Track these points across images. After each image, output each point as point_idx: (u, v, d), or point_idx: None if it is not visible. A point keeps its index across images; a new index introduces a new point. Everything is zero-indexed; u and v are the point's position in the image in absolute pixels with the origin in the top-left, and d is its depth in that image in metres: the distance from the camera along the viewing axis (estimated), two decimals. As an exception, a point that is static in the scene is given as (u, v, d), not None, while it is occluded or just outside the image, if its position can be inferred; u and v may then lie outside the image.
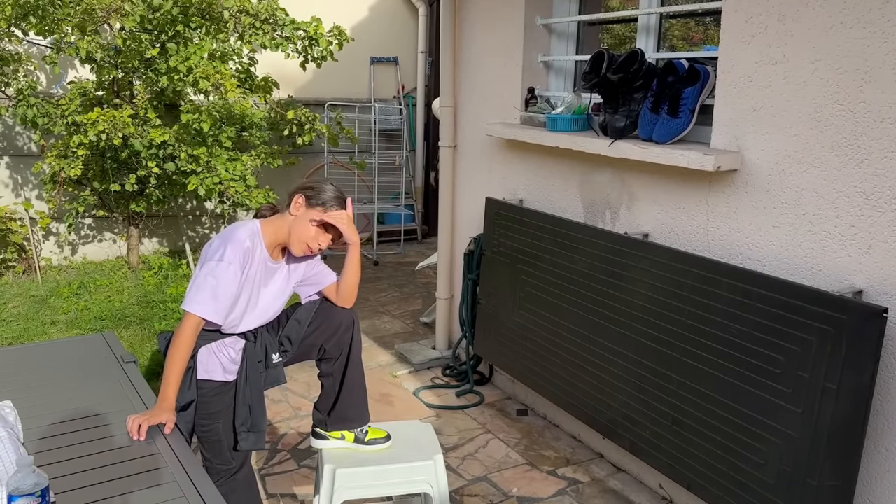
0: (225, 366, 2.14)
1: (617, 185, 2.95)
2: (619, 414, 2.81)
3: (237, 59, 5.09)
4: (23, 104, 4.70)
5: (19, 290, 4.98)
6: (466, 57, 3.83)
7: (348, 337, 2.30)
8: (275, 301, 2.22)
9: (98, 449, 1.65)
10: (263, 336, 2.23)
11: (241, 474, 2.24)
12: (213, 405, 2.14)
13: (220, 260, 2.00)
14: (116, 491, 1.48)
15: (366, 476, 2.24)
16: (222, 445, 2.17)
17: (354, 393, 2.33)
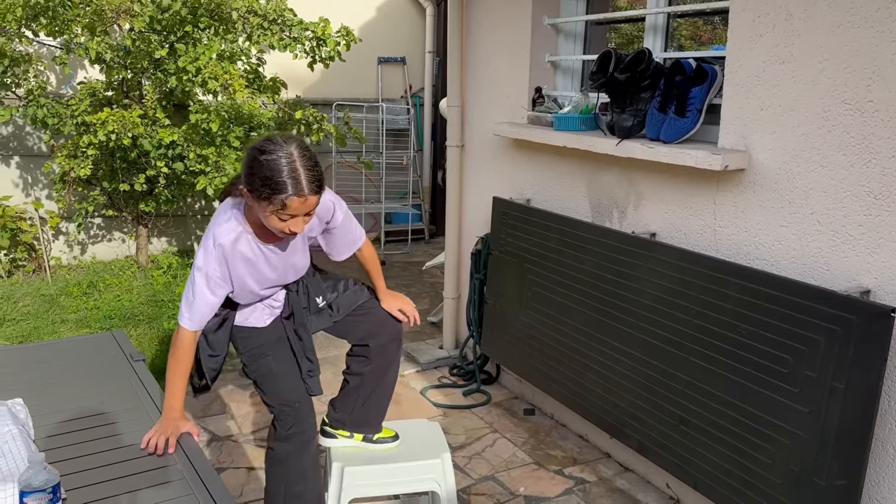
0: (270, 312, 2.14)
1: (624, 185, 2.95)
2: (627, 413, 2.81)
3: (245, 60, 5.10)
4: (33, 104, 4.73)
5: (29, 289, 5.01)
6: (474, 56, 3.83)
7: (393, 348, 2.29)
8: (293, 264, 2.10)
9: (108, 446, 1.67)
10: (305, 283, 2.19)
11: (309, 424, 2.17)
12: (256, 339, 2.13)
13: (197, 268, 1.91)
14: (126, 488, 1.49)
15: (374, 474, 2.25)
16: (277, 381, 2.13)
17: (383, 403, 2.35)
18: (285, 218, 1.79)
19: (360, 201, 6.67)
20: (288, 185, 1.75)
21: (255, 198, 1.79)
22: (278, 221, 1.80)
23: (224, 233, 1.90)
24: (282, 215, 1.79)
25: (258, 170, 1.76)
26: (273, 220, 1.80)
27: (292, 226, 1.81)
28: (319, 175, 1.81)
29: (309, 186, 1.77)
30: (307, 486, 2.16)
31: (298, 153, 1.78)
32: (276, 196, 1.75)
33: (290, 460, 2.14)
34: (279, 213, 1.78)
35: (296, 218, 1.80)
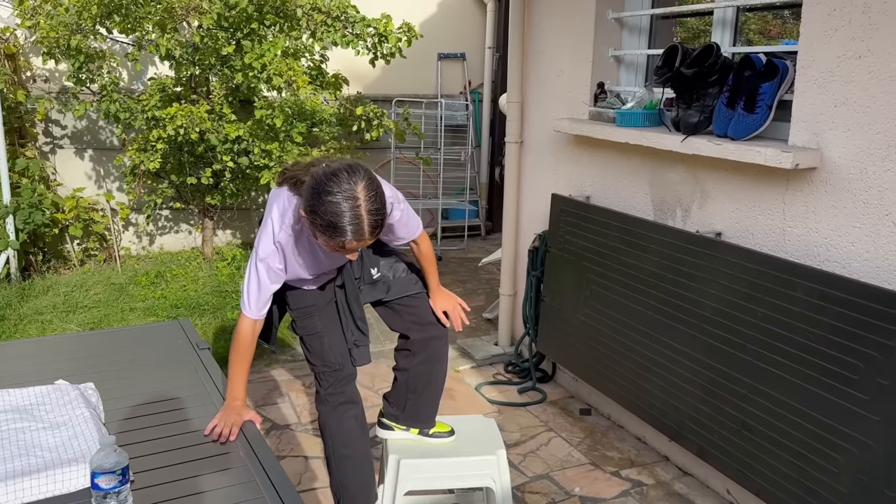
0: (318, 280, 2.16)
1: (689, 183, 2.88)
2: (687, 416, 2.75)
3: (309, 56, 5.18)
4: (106, 99, 4.91)
5: (100, 277, 5.20)
6: (535, 52, 3.81)
7: (436, 345, 2.31)
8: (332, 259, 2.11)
9: (173, 431, 1.72)
10: (362, 252, 2.20)
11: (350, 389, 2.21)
12: (308, 299, 2.17)
13: (260, 259, 1.92)
14: (190, 472, 1.54)
15: (430, 468, 2.26)
16: (323, 341, 2.17)
17: (433, 400, 2.36)
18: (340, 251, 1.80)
19: (417, 197, 6.70)
20: (348, 232, 1.71)
21: (314, 229, 1.77)
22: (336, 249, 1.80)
23: (284, 232, 1.92)
24: (338, 249, 1.79)
25: (320, 209, 1.71)
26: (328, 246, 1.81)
27: (346, 255, 1.83)
28: (382, 218, 1.77)
29: (370, 231, 1.75)
30: (352, 449, 2.20)
31: (364, 195, 1.71)
32: (336, 238, 1.73)
33: (330, 421, 2.20)
34: (336, 248, 1.78)
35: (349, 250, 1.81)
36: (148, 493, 1.45)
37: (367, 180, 1.73)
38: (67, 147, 5.71)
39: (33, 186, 5.15)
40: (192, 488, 1.48)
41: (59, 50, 4.67)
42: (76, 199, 5.47)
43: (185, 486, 1.48)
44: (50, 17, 4.58)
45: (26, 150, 5.36)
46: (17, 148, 5.29)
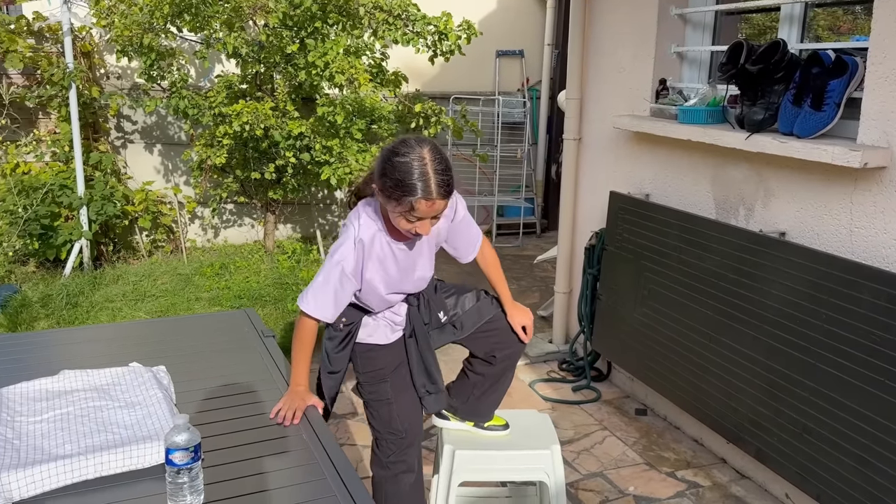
0: (392, 328, 2.11)
1: (752, 181, 2.83)
2: (746, 419, 2.71)
3: (370, 54, 5.26)
4: (175, 96, 5.08)
5: (167, 268, 5.39)
6: (595, 48, 3.79)
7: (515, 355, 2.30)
8: (420, 271, 2.09)
9: (239, 414, 1.79)
10: (426, 297, 2.16)
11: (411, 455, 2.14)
12: (378, 361, 2.11)
13: (336, 262, 1.92)
14: (255, 453, 1.60)
15: (484, 460, 2.29)
16: (391, 409, 2.11)
17: (497, 398, 2.36)
18: (412, 220, 1.81)
19: (473, 194, 6.73)
20: (417, 189, 1.76)
21: (386, 197, 1.82)
22: (406, 223, 1.83)
23: (365, 228, 1.93)
24: (409, 217, 1.81)
25: (390, 171, 1.80)
26: (401, 220, 1.83)
27: (419, 227, 1.83)
28: (449, 180, 1.81)
29: (438, 190, 1.78)
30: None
31: (430, 157, 1.79)
32: (406, 198, 1.77)
33: (387, 487, 2.15)
34: (407, 215, 1.80)
35: (423, 220, 1.82)
36: (216, 471, 1.52)
37: (432, 145, 1.83)
38: (138, 142, 5.93)
39: (106, 179, 5.37)
40: (258, 468, 1.54)
41: (132, 48, 4.86)
42: (145, 192, 5.68)
43: (251, 466, 1.55)
44: (124, 16, 4.77)
45: (99, 144, 5.60)
46: (90, 142, 5.53)
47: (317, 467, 1.55)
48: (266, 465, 1.56)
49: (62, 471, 1.46)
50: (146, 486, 1.47)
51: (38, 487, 1.43)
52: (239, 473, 1.52)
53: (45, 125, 5.47)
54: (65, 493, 1.43)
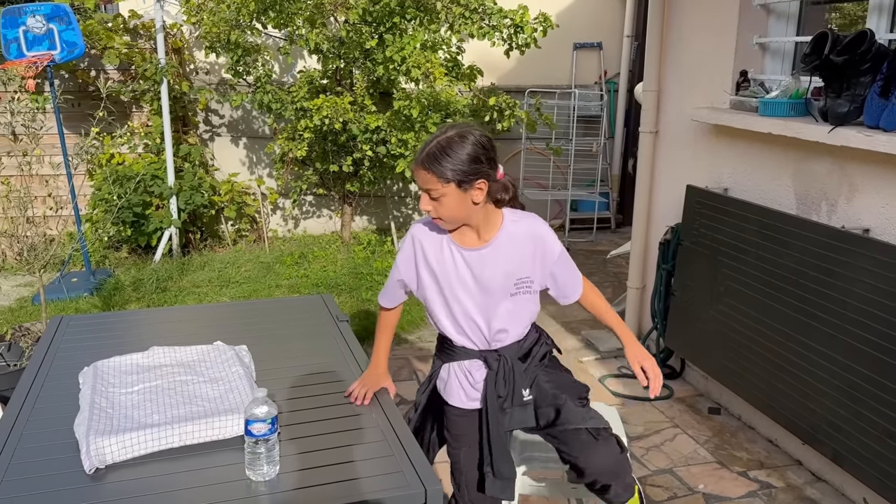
0: (466, 391, 1.96)
1: (835, 176, 2.74)
2: (823, 420, 2.63)
3: (446, 49, 5.32)
4: (260, 91, 5.27)
5: (250, 256, 5.61)
6: (674, 39, 3.72)
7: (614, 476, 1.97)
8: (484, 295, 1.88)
9: (315, 392, 1.88)
10: (510, 365, 1.93)
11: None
12: (455, 427, 1.99)
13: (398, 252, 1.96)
14: (328, 429, 1.68)
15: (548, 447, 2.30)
16: (462, 476, 1.99)
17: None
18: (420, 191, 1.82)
19: (546, 188, 6.71)
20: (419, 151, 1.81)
21: None
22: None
23: (421, 225, 1.92)
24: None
25: None
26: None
27: (420, 203, 1.82)
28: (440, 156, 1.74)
29: (420, 157, 1.78)
30: None
31: (443, 133, 1.78)
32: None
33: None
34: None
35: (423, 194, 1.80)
36: (291, 444, 1.60)
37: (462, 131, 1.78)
38: (224, 135, 6.18)
39: (194, 171, 5.63)
40: (330, 443, 1.62)
41: (219, 44, 5.07)
42: (231, 183, 5.92)
43: (323, 440, 1.62)
44: (213, 13, 4.98)
45: (188, 137, 5.87)
46: (180, 135, 5.79)
47: (384, 445, 1.61)
48: (337, 441, 1.63)
49: (150, 438, 1.57)
50: (226, 455, 1.56)
51: (128, 453, 1.54)
52: (312, 447, 1.60)
53: (138, 118, 5.77)
54: (151, 459, 1.54)
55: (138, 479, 1.47)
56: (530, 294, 1.93)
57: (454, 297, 1.89)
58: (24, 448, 1.57)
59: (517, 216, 1.92)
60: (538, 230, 1.91)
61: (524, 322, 1.96)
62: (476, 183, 1.77)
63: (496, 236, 1.87)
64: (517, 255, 1.88)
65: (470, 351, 1.95)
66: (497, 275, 1.87)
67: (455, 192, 1.76)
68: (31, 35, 4.57)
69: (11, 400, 1.78)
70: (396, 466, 1.53)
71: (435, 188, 1.76)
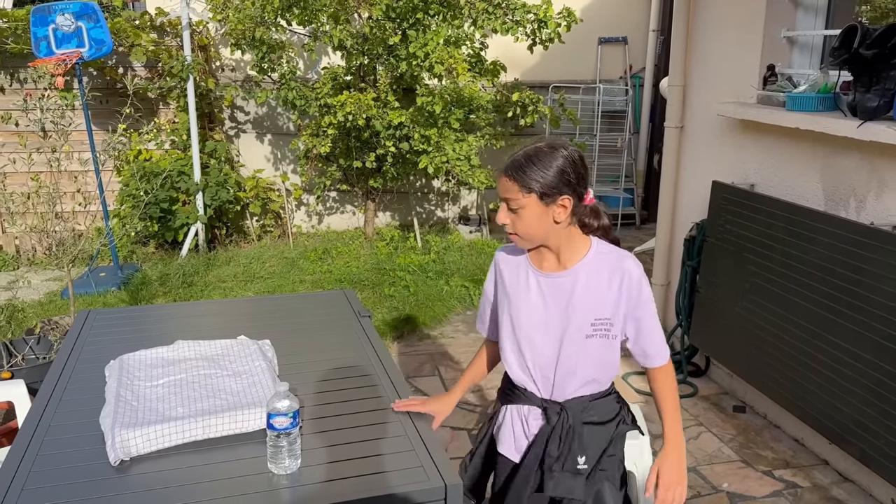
0: (517, 440, 1.79)
1: (864, 171, 2.69)
2: (851, 419, 2.59)
3: (469, 44, 5.31)
4: (284, 87, 5.31)
5: (275, 251, 5.66)
6: (700, 33, 3.68)
7: None
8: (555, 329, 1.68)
9: (336, 387, 1.89)
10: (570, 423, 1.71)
11: None
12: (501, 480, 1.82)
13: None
14: (349, 423, 1.69)
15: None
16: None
17: None
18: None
19: (572, 184, 6.67)
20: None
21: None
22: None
23: (503, 248, 1.82)
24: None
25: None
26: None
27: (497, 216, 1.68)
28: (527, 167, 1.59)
29: (507, 165, 1.63)
30: None
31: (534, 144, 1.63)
32: None
33: None
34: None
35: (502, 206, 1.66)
36: (312, 438, 1.61)
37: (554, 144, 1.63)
38: (249, 131, 6.23)
39: (220, 167, 5.68)
40: (352, 437, 1.62)
41: (244, 41, 5.12)
42: (256, 179, 5.97)
43: (345, 435, 1.63)
44: (238, 10, 5.02)
45: (214, 133, 5.93)
46: (206, 131, 5.86)
47: (405, 440, 1.62)
48: (358, 435, 1.64)
49: (174, 431, 1.59)
50: (249, 448, 1.58)
51: (152, 445, 1.56)
52: (333, 441, 1.61)
53: (164, 115, 5.84)
54: (175, 452, 1.56)
55: (162, 471, 1.50)
56: (608, 340, 1.68)
57: (521, 325, 1.72)
58: (52, 439, 1.59)
59: (607, 248, 1.72)
60: (628, 267, 1.67)
61: (597, 372, 1.71)
62: (560, 199, 1.60)
63: (579, 264, 1.67)
64: (600, 290, 1.66)
65: (531, 396, 1.75)
66: (573, 308, 1.67)
67: (536, 205, 1.60)
68: (61, 33, 4.64)
69: (39, 392, 1.82)
70: (417, 461, 1.53)
71: (515, 198, 1.60)
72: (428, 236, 5.93)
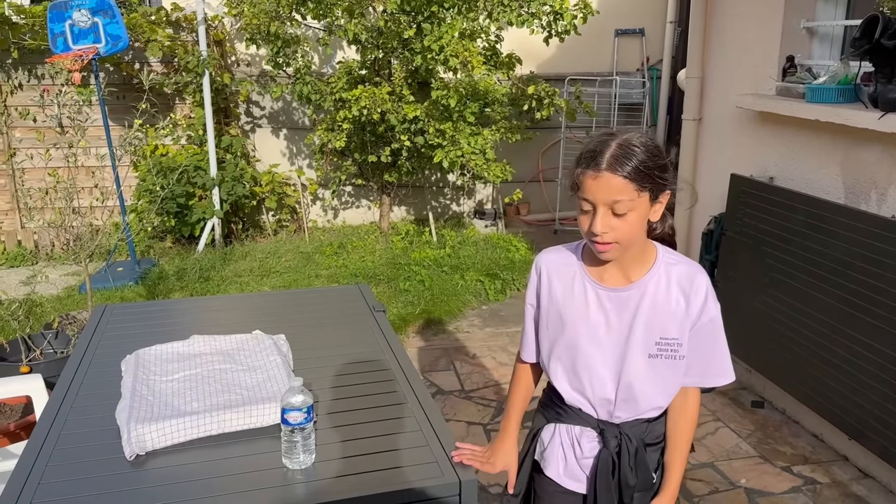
0: (568, 463, 1.62)
1: (886, 164, 2.65)
2: (871, 415, 2.56)
3: (484, 37, 5.28)
4: (300, 82, 5.31)
5: (291, 246, 5.67)
6: (718, 24, 3.63)
7: None
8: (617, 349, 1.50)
9: (351, 381, 1.88)
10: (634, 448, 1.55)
11: None
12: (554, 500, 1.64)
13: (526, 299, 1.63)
14: (364, 418, 1.69)
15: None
16: None
17: None
18: (586, 209, 1.40)
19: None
20: (584, 158, 1.39)
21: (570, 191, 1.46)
22: (583, 219, 1.41)
23: (548, 252, 1.59)
24: (583, 205, 1.40)
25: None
26: (580, 218, 1.43)
27: (595, 224, 1.38)
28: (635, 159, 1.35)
29: (608, 161, 1.35)
30: None
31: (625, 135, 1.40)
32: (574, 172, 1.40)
33: None
34: (580, 204, 1.41)
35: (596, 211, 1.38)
36: (326, 433, 1.61)
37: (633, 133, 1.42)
38: (265, 126, 6.25)
39: (236, 162, 5.70)
40: (366, 432, 1.62)
41: (259, 35, 5.12)
42: (272, 174, 5.99)
43: (359, 430, 1.63)
44: (253, 4, 5.03)
45: (230, 128, 5.94)
46: (222, 126, 5.88)
47: (420, 435, 1.61)
48: (372, 430, 1.63)
49: (189, 426, 1.59)
50: (264, 443, 1.58)
51: (168, 440, 1.56)
52: (347, 436, 1.61)
53: (181, 110, 5.87)
54: (191, 447, 1.56)
55: (177, 465, 1.50)
56: (674, 360, 1.50)
57: (579, 346, 1.52)
58: (68, 434, 1.60)
59: (675, 258, 1.53)
60: (698, 280, 1.49)
61: (660, 394, 1.54)
62: (662, 195, 1.43)
63: (646, 277, 1.48)
64: (668, 307, 1.48)
65: (586, 417, 1.57)
66: (638, 326, 1.48)
67: (646, 205, 1.40)
68: (77, 29, 4.67)
69: (56, 387, 1.83)
70: (431, 457, 1.52)
71: (628, 198, 1.35)
72: (443, 231, 5.92)
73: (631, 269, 1.49)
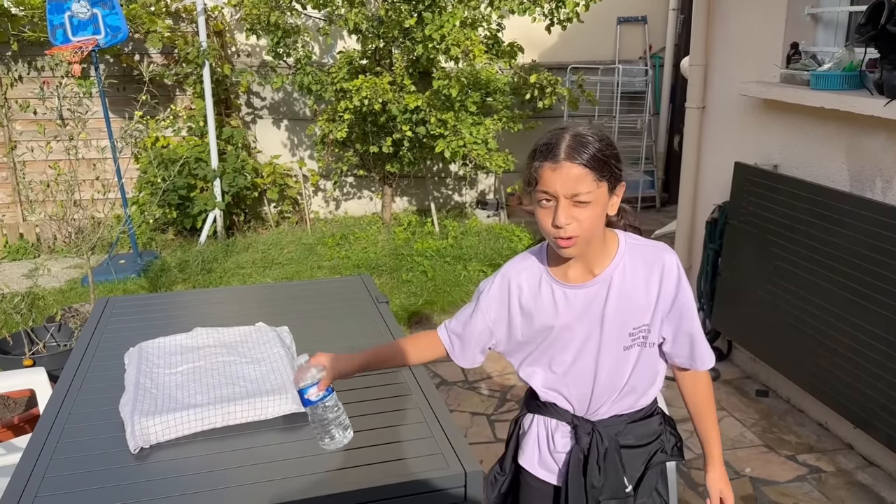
0: (542, 455, 1.62)
1: (892, 151, 2.63)
2: (876, 403, 2.55)
3: (486, 26, 5.25)
4: (300, 72, 5.28)
5: (293, 237, 5.66)
6: (722, 10, 3.60)
7: None
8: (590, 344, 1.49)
9: (355, 374, 1.88)
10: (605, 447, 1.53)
11: None
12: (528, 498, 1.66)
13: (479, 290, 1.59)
14: (369, 410, 1.68)
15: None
16: None
17: None
18: (546, 204, 1.37)
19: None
20: (539, 151, 1.37)
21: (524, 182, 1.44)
22: (542, 214, 1.38)
23: (515, 262, 1.56)
24: (542, 200, 1.37)
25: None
26: (540, 214, 1.39)
27: (557, 216, 1.35)
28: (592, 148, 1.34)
29: (566, 151, 1.34)
30: None
31: (575, 127, 1.40)
32: (530, 166, 1.39)
33: None
34: (539, 196, 1.38)
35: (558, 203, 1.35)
36: (332, 426, 1.61)
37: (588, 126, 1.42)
38: (266, 117, 6.23)
39: (237, 153, 5.69)
40: (370, 424, 1.62)
41: (259, 26, 5.09)
42: (273, 165, 5.97)
43: (364, 422, 1.62)
44: (252, -5, 5.00)
45: (231, 119, 5.92)
46: (223, 117, 5.86)
47: (424, 427, 1.60)
48: (376, 422, 1.63)
49: (193, 418, 1.59)
50: (268, 435, 1.58)
51: (172, 433, 1.56)
52: (355, 427, 1.60)
53: (181, 101, 5.85)
54: (195, 439, 1.56)
55: (182, 458, 1.50)
56: (647, 348, 1.49)
57: (552, 346, 1.51)
58: (72, 427, 1.60)
59: (638, 241, 1.50)
60: (666, 261, 1.46)
61: (638, 383, 1.53)
62: (618, 188, 1.41)
63: (609, 268, 1.45)
64: (636, 294, 1.46)
65: (560, 411, 1.57)
66: (608, 319, 1.46)
67: (605, 197, 1.38)
68: (76, 20, 4.65)
69: (60, 380, 1.83)
70: (436, 448, 1.52)
71: (588, 190, 1.34)
72: (445, 221, 5.90)
73: (594, 263, 1.46)
